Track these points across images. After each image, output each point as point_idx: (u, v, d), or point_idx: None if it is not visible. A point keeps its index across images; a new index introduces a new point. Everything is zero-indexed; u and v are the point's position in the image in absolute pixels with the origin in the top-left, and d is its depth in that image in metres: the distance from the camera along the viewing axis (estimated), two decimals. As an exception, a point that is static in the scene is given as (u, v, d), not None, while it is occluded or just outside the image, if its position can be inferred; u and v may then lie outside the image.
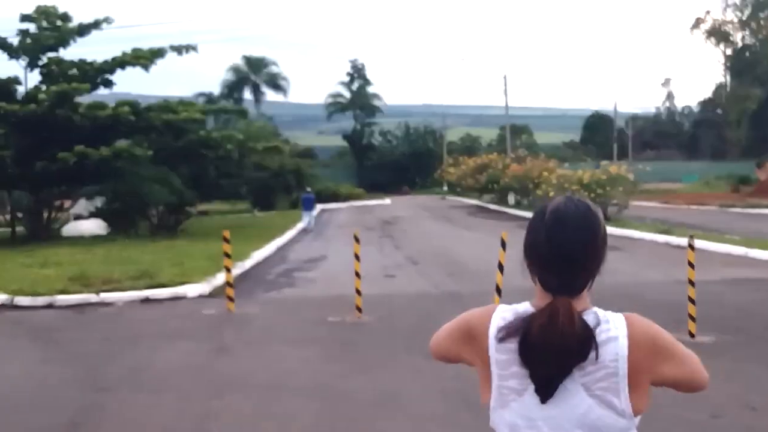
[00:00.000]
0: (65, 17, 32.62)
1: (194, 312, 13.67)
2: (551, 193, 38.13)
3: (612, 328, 2.23)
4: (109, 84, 32.99)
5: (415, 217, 43.56)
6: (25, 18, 32.27)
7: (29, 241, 28.27)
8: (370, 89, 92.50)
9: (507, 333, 2.25)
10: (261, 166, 56.06)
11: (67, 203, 33.11)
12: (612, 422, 2.20)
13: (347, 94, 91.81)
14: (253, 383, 8.89)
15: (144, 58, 32.20)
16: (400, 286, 16.58)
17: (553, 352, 2.16)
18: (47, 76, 31.55)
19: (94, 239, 27.50)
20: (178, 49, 32.85)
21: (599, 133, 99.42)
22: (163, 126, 30.82)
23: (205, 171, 46.87)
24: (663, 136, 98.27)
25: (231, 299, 13.56)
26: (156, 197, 28.88)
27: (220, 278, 17.39)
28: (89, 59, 32.81)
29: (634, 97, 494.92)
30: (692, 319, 10.73)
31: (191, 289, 15.57)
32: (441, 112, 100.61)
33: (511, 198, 52.13)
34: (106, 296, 14.80)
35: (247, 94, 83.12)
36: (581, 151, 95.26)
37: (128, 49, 32.72)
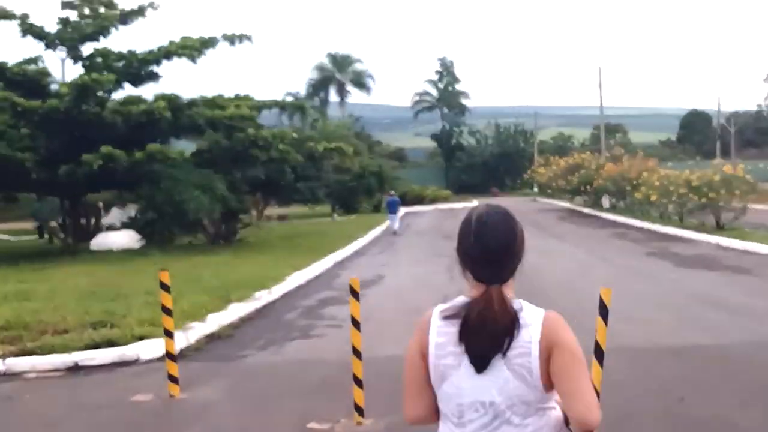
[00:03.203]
0: (109, 4, 28.01)
1: (119, 398, 8.39)
2: (653, 197, 31.93)
3: (529, 316, 2.58)
4: (154, 77, 28.29)
5: (499, 222, 37.76)
6: (66, 5, 27.81)
7: (50, 255, 23.73)
8: (459, 87, 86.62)
9: (450, 314, 2.61)
10: (341, 168, 51.28)
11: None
12: (524, 393, 2.55)
13: (435, 93, 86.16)
14: None
15: (192, 48, 27.35)
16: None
17: (488, 332, 2.53)
18: (90, 69, 26.96)
19: (122, 254, 22.70)
20: (231, 39, 27.94)
21: (697, 132, 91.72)
22: (206, 124, 25.90)
23: (281, 174, 42.45)
24: (766, 134, 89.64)
25: (173, 380, 8.28)
26: (196, 205, 23.86)
27: (212, 322, 12.27)
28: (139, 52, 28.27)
29: (733, 94, 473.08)
30: None
31: (148, 348, 10.27)
32: (532, 112, 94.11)
33: (606, 201, 45.87)
34: (15, 363, 9.63)
35: (333, 94, 78.07)
36: (678, 150, 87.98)
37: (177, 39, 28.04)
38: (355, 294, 7.22)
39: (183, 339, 10.94)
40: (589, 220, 39.52)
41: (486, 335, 2.51)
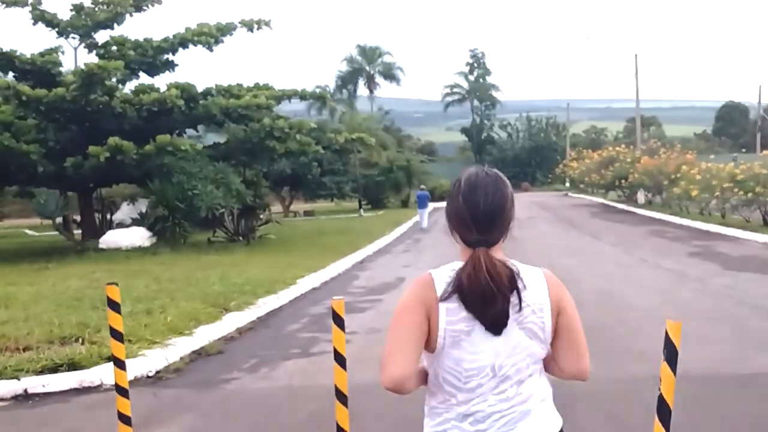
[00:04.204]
0: (125, -10, 26.53)
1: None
2: (694, 192, 29.91)
3: (532, 274, 2.57)
4: (170, 66, 26.79)
5: (530, 218, 35.74)
6: (80, -10, 26.42)
7: (56, 253, 22.25)
8: (490, 79, 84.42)
9: (449, 290, 2.50)
10: (368, 162, 49.70)
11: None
12: (537, 350, 2.57)
13: (465, 85, 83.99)
14: None
15: (209, 35, 25.82)
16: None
17: (486, 293, 2.46)
18: (105, 58, 25.45)
19: (130, 253, 21.18)
20: (249, 25, 26.36)
21: (734, 124, 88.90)
22: (222, 114, 24.29)
23: (307, 168, 41.16)
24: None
25: (125, 420, 6.60)
26: (209, 200, 22.26)
27: (202, 335, 10.64)
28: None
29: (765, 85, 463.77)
30: None
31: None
32: (564, 105, 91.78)
33: (641, 196, 43.78)
34: (-47, 390, 8.13)
35: (362, 87, 76.28)
36: (715, 143, 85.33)
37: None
38: (338, 320, 5.43)
39: (162, 358, 9.34)
40: (625, 216, 37.49)
41: (488, 298, 2.48)
